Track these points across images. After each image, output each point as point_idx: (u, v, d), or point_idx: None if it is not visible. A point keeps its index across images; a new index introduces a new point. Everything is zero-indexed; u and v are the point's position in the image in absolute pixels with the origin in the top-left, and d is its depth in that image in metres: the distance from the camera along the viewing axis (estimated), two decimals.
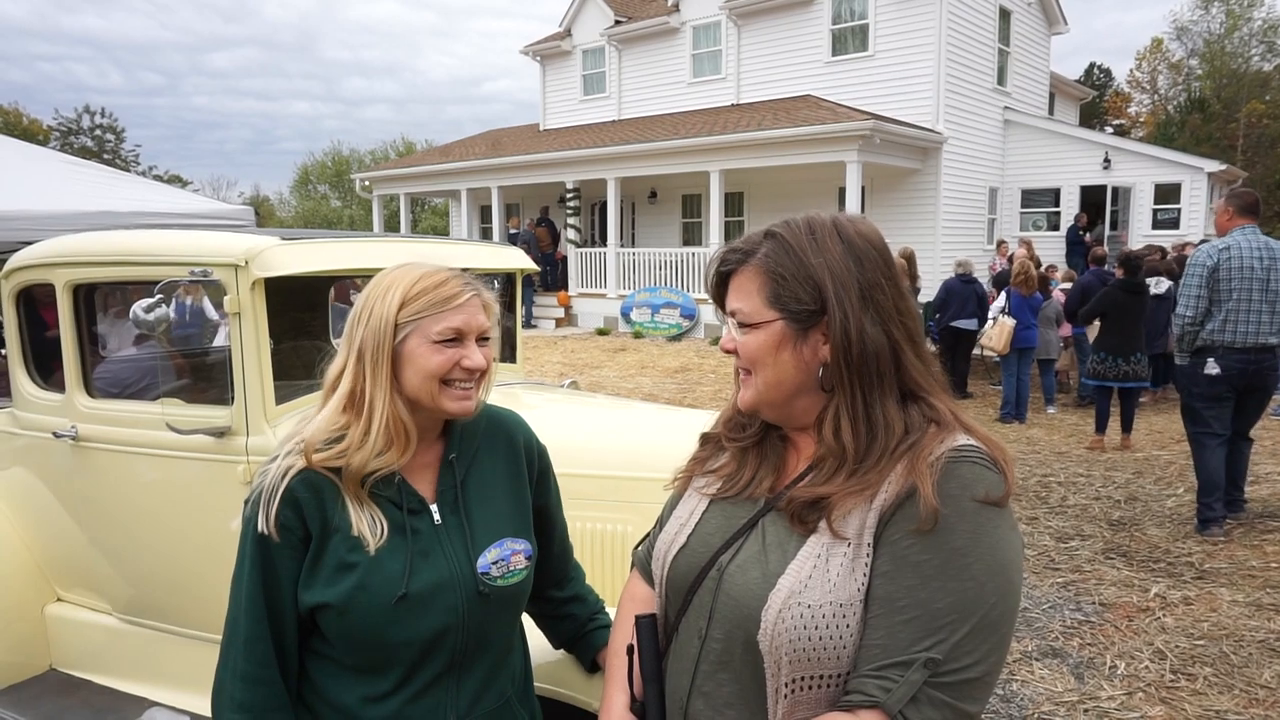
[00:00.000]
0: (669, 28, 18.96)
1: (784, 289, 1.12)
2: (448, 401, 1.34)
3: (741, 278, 1.18)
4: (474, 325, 1.36)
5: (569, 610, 1.64)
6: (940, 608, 0.97)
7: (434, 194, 23.99)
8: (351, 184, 33.47)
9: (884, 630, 0.99)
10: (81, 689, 2.78)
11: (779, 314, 1.13)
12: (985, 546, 0.99)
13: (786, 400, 1.16)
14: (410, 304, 1.32)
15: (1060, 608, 4.22)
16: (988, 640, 0.98)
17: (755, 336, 1.15)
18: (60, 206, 5.42)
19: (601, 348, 14.52)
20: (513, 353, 3.50)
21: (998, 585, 0.99)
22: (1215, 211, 5.29)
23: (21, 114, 41.53)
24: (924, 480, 1.01)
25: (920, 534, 1.00)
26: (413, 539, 1.33)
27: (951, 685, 0.96)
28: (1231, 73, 37.71)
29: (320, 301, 3.56)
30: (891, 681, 0.96)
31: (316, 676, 1.34)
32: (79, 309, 2.67)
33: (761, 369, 1.15)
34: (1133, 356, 7.43)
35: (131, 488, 2.60)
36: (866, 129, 13.44)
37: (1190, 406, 5.26)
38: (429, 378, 1.32)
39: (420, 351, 1.32)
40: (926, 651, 0.96)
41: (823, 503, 1.07)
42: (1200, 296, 4.99)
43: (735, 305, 1.18)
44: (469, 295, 1.36)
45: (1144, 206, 16.53)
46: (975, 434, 1.09)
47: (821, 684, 1.02)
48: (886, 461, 1.06)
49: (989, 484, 1.03)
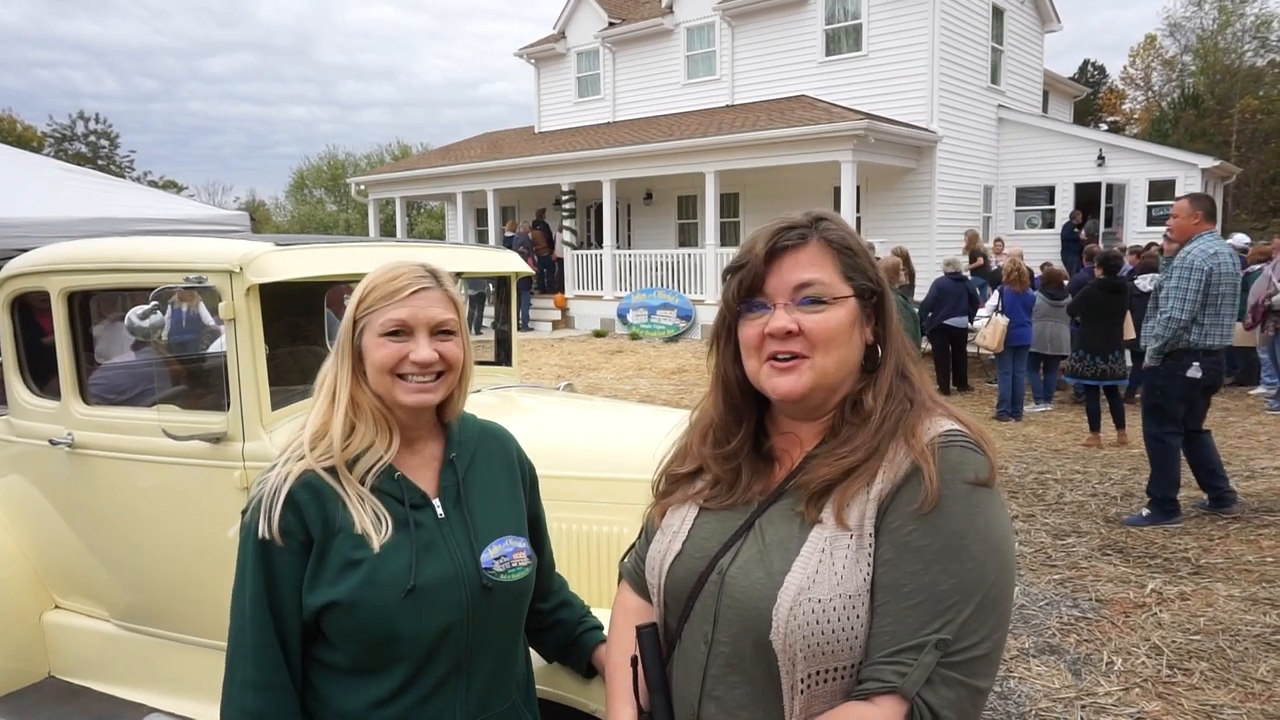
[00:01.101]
0: (663, 29, 18.98)
1: (855, 263, 1.14)
2: (402, 395, 1.35)
3: (808, 252, 1.13)
4: (422, 319, 1.35)
5: (558, 617, 1.64)
6: (944, 589, 0.99)
7: (429, 197, 23.99)
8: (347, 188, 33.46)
9: (893, 616, 1.01)
10: (80, 696, 2.77)
11: (853, 290, 1.13)
12: (980, 527, 1.02)
13: (841, 382, 1.15)
14: (365, 299, 1.35)
15: (1057, 604, 4.23)
16: (991, 617, 1.01)
17: (834, 313, 1.11)
18: (55, 213, 5.41)
19: (598, 349, 14.52)
20: (508, 355, 3.51)
21: (995, 563, 1.02)
22: (1176, 213, 5.24)
23: (15, 120, 41.43)
24: (927, 461, 1.03)
25: (919, 518, 1.02)
26: (416, 533, 1.34)
27: (962, 664, 0.99)
28: (1225, 69, 37.80)
29: (316, 307, 3.57)
30: (906, 665, 0.98)
31: (320, 685, 1.34)
32: (74, 316, 2.67)
33: (832, 349, 1.11)
34: (1111, 355, 7.46)
35: (128, 494, 2.60)
36: (861, 128, 13.47)
37: (1160, 407, 5.27)
38: (379, 371, 1.34)
39: (370, 345, 1.35)
40: (937, 633, 0.98)
41: (835, 487, 1.08)
42: (1196, 301, 5.00)
43: (810, 276, 1.12)
44: (418, 288, 1.36)
45: (1138, 203, 16.56)
46: (955, 417, 1.12)
47: (836, 676, 1.03)
48: (884, 433, 1.09)
49: (977, 466, 1.06)
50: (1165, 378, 5.19)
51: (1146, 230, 15.64)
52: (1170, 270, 5.12)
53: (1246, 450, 7.18)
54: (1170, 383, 5.18)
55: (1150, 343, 5.19)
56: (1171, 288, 5.05)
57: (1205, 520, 5.40)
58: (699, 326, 15.57)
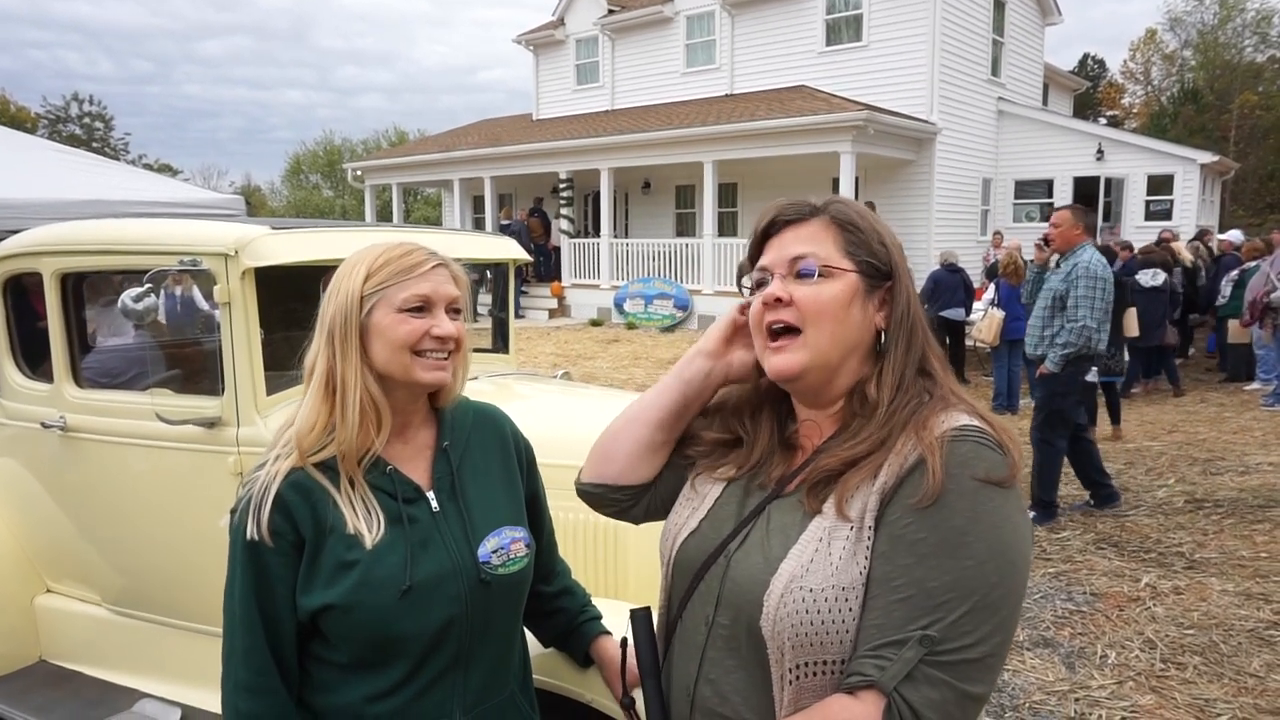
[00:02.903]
0: (662, 17, 18.89)
1: (861, 240, 1.12)
2: (421, 372, 1.31)
3: (809, 228, 1.13)
4: (441, 294, 1.33)
5: (559, 604, 1.63)
6: (936, 586, 0.96)
7: (426, 184, 23.91)
8: (343, 174, 33.31)
9: (880, 610, 0.98)
10: (71, 680, 2.76)
11: (854, 266, 1.10)
12: (986, 526, 0.98)
13: (839, 364, 1.12)
14: (375, 275, 1.30)
15: (1052, 598, 4.24)
16: (988, 621, 0.96)
17: (828, 286, 1.09)
18: (48, 195, 5.37)
19: (595, 339, 14.51)
20: (506, 343, 3.49)
21: (999, 566, 0.97)
22: (1059, 223, 5.24)
23: (9, 102, 41.15)
24: (933, 452, 1.00)
25: (918, 511, 0.98)
26: (410, 528, 1.31)
27: (951, 665, 0.95)
28: (1224, 64, 37.76)
29: (312, 292, 3.53)
30: (887, 660, 0.95)
31: (318, 679, 1.32)
32: (67, 298, 2.64)
33: (824, 324, 1.09)
34: (1108, 351, 7.45)
35: (121, 478, 2.58)
36: (860, 119, 13.43)
37: (1060, 412, 5.30)
38: (399, 348, 1.29)
39: (387, 322, 1.29)
40: (923, 630, 0.95)
41: (838, 479, 1.06)
42: (1104, 309, 5.07)
43: (804, 249, 1.11)
44: (435, 264, 1.34)
45: (1137, 198, 16.57)
46: (977, 414, 1.08)
47: (827, 669, 1.01)
48: (895, 424, 1.06)
49: (990, 463, 1.01)
50: (1066, 383, 5.24)
51: (1145, 225, 15.65)
52: (1074, 280, 5.08)
53: (1241, 446, 7.20)
54: (1071, 387, 5.27)
55: (1055, 350, 5.17)
56: (1081, 296, 5.05)
57: (1199, 515, 5.42)
58: (696, 316, 15.56)
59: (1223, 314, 10.29)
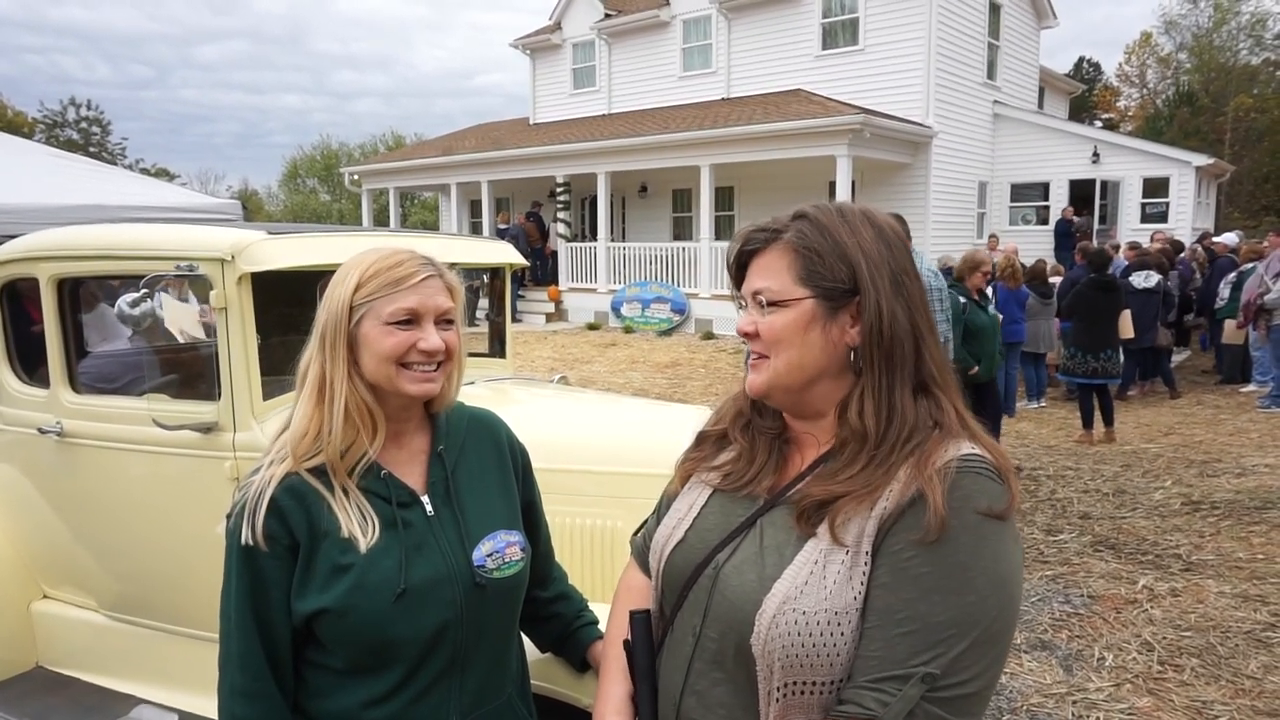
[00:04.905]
0: (659, 21, 18.92)
1: (817, 265, 1.11)
2: (406, 384, 1.31)
3: (768, 256, 1.15)
4: (430, 306, 1.32)
5: (555, 610, 1.63)
6: (940, 621, 0.96)
7: (423, 188, 23.91)
8: (340, 178, 33.29)
9: (881, 641, 0.97)
10: (68, 686, 2.76)
11: (810, 292, 1.11)
12: (987, 560, 0.98)
13: (804, 385, 1.13)
14: (364, 286, 1.30)
15: (1049, 600, 4.24)
16: (987, 654, 0.97)
17: (782, 315, 1.12)
18: (45, 200, 5.37)
19: (592, 343, 14.50)
20: (502, 348, 3.49)
21: (999, 599, 0.98)
22: None
23: (6, 106, 41.09)
24: (934, 489, 0.99)
25: (922, 545, 0.98)
26: (405, 532, 1.31)
27: (948, 700, 0.95)
28: (1220, 67, 37.89)
29: (309, 297, 3.53)
30: (889, 695, 0.95)
31: (314, 685, 1.32)
32: (64, 303, 2.64)
33: (784, 349, 1.12)
34: (1103, 353, 7.47)
35: (117, 484, 2.58)
36: (856, 123, 13.45)
37: None
38: (384, 360, 1.29)
39: (374, 334, 1.29)
40: (924, 665, 0.95)
41: (830, 505, 1.05)
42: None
43: (761, 284, 1.14)
44: (425, 275, 1.33)
45: (1132, 200, 16.61)
46: (980, 441, 1.07)
47: (814, 690, 1.01)
48: (897, 456, 1.05)
49: (992, 496, 1.01)
50: None
51: (1140, 227, 15.69)
52: None
53: (1238, 448, 7.21)
54: None
55: None
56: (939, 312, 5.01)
57: (1196, 517, 5.42)
58: (693, 320, 15.55)
59: (1221, 315, 10.33)
